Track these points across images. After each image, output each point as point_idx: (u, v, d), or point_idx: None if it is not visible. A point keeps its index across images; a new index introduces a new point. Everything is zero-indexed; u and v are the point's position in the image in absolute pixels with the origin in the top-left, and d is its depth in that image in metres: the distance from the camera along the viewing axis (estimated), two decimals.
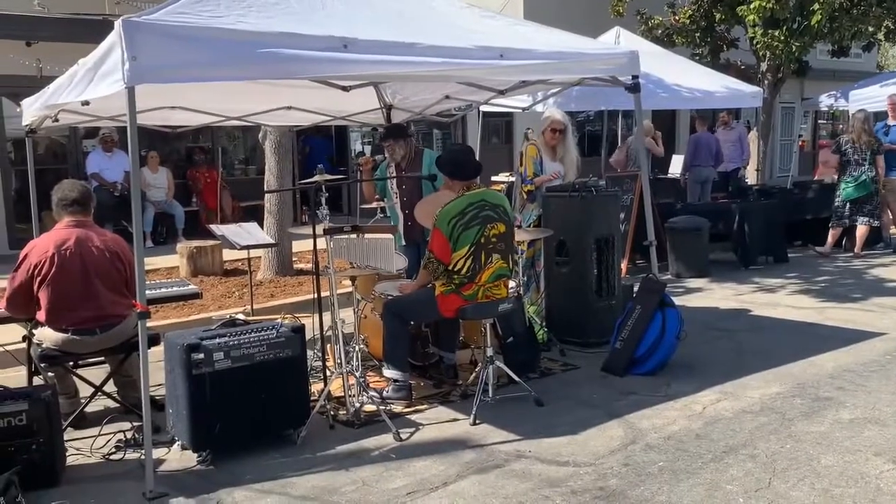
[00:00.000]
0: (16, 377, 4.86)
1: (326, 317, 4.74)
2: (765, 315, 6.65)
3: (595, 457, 3.82)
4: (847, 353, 5.38)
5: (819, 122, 22.56)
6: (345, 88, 5.15)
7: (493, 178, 11.24)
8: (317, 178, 4.53)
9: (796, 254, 9.56)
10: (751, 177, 13.18)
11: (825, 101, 13.00)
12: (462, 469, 3.73)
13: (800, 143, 20.33)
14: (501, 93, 6.03)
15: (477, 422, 4.28)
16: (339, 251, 4.79)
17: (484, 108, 7.51)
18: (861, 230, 9.20)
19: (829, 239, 9.38)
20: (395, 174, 5.80)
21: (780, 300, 7.20)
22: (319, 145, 14.15)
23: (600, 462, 3.75)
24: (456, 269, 4.43)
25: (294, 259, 8.78)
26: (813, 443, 3.89)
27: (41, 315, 4.18)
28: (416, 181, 5.65)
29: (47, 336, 4.20)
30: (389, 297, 4.78)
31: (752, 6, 11.26)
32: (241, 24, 3.68)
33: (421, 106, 6.80)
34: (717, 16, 12.54)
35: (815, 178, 12.28)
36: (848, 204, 9.17)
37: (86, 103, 4.15)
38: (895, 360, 5.20)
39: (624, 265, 8.04)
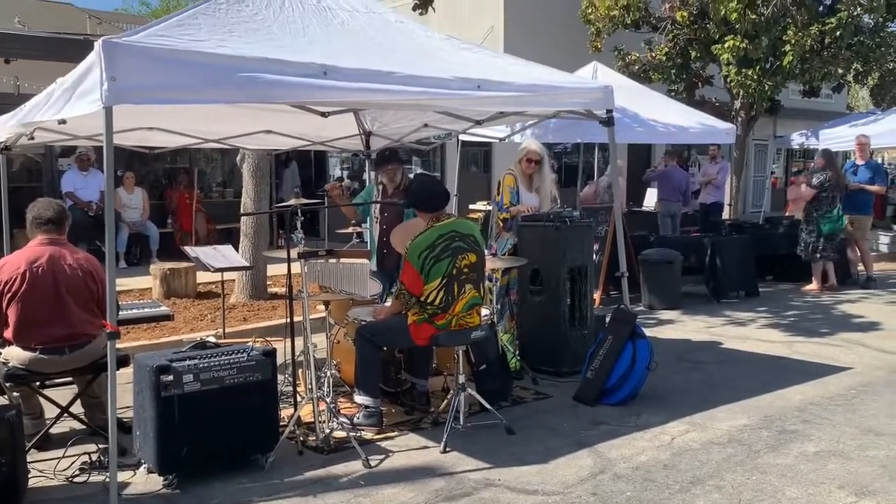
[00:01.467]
0: None
1: (299, 341, 4.73)
2: (735, 348, 6.73)
3: (564, 486, 3.83)
4: (814, 387, 5.46)
5: (791, 159, 23.02)
6: (323, 114, 5.18)
7: (471, 206, 11.31)
8: (293, 201, 4.55)
9: (767, 288, 9.70)
10: (724, 211, 13.40)
11: (797, 140, 13.29)
12: (431, 497, 3.72)
13: (772, 179, 20.70)
14: (479, 123, 6.11)
15: (447, 449, 4.28)
16: (313, 275, 4.79)
17: (463, 137, 7.60)
18: (828, 265, 9.38)
19: (831, 274, 9.44)
20: (377, 199, 5.82)
21: (750, 333, 7.30)
22: None
23: (569, 491, 3.76)
24: (429, 301, 4.44)
25: (268, 283, 8.75)
26: (778, 475, 3.93)
27: (9, 333, 4.13)
28: (398, 212, 5.67)
29: (14, 355, 4.14)
30: (363, 323, 4.78)
31: (726, 45, 11.55)
32: (221, 48, 3.71)
33: (400, 133, 6.86)
34: (693, 54, 12.83)
35: (787, 214, 12.51)
36: (822, 239, 9.34)
37: (63, 122, 4.15)
38: (860, 395, 5.28)
39: (597, 296, 8.11)
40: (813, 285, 9.50)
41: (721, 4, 10.77)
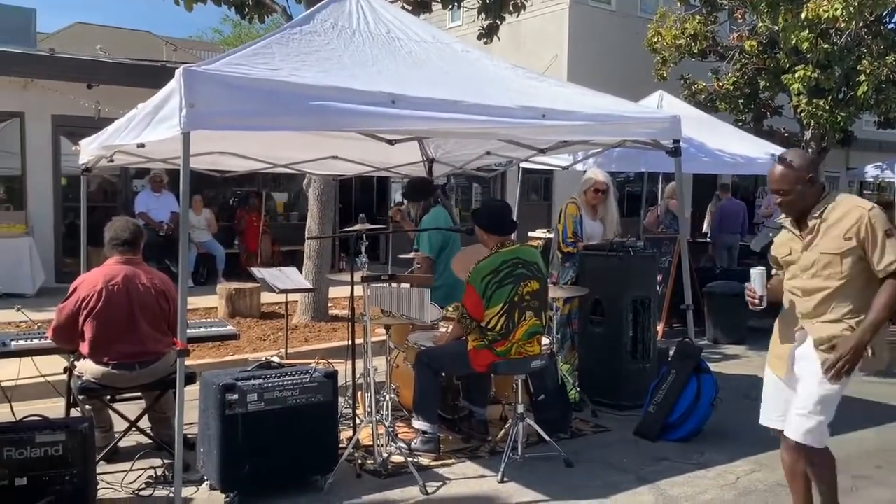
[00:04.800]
0: (54, 408, 4.94)
1: (359, 364, 4.77)
2: None
3: None
4: (888, 431, 5.24)
5: (864, 192, 22.29)
6: (390, 142, 5.28)
7: (531, 234, 11.28)
8: (358, 226, 4.63)
9: None
10: None
11: (871, 172, 12.91)
12: None
13: None
14: (542, 151, 6.11)
15: (505, 479, 4.24)
16: (375, 299, 4.84)
17: (524, 164, 7.60)
18: None
19: None
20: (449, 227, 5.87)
21: None
22: None
23: None
24: (489, 327, 4.44)
25: (330, 305, 8.87)
26: None
27: (84, 347, 4.28)
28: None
29: (88, 369, 4.29)
30: (422, 348, 4.80)
31: (796, 75, 11.32)
32: (294, 76, 3.82)
33: (462, 160, 6.91)
34: (762, 83, 12.61)
35: None
36: None
37: (141, 145, 4.32)
38: None
39: (660, 328, 7.96)
40: None
41: (792, 34, 10.56)
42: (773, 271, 3.50)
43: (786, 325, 3.39)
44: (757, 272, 3.37)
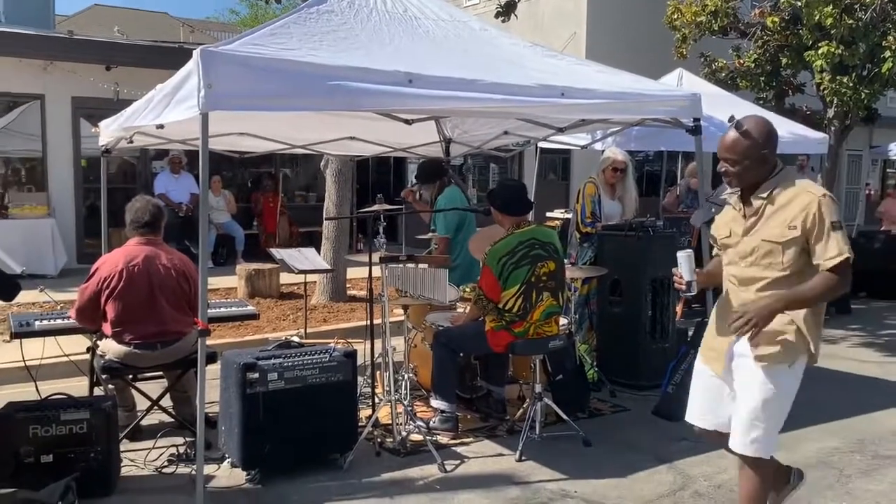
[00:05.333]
0: (78, 387, 5.02)
1: (378, 344, 4.79)
2: (824, 367, 6.42)
3: (642, 501, 3.76)
4: None
5: (888, 170, 21.98)
6: (407, 122, 5.25)
7: (548, 214, 11.24)
8: (375, 207, 4.63)
9: (860, 305, 9.28)
10: None
11: (895, 150, 12.67)
12: None
13: (867, 191, 19.78)
14: (560, 130, 6.06)
15: (523, 458, 4.26)
16: (393, 280, 4.85)
17: (542, 144, 7.55)
18: None
19: None
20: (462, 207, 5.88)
21: (840, 352, 6.99)
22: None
23: None
24: (507, 308, 4.43)
25: (347, 286, 8.90)
26: (871, 501, 3.76)
27: (107, 327, 4.34)
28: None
29: (110, 348, 4.35)
30: (440, 328, 4.81)
31: (819, 52, 11.10)
32: (311, 56, 3.80)
33: (480, 140, 6.88)
34: (784, 60, 12.38)
35: (882, 229, 11.96)
36: None
37: (160, 127, 4.33)
38: None
39: (679, 308, 7.91)
40: None
41: (815, 9, 10.34)
42: (714, 252, 3.24)
43: (724, 315, 3.02)
44: (683, 255, 3.09)
